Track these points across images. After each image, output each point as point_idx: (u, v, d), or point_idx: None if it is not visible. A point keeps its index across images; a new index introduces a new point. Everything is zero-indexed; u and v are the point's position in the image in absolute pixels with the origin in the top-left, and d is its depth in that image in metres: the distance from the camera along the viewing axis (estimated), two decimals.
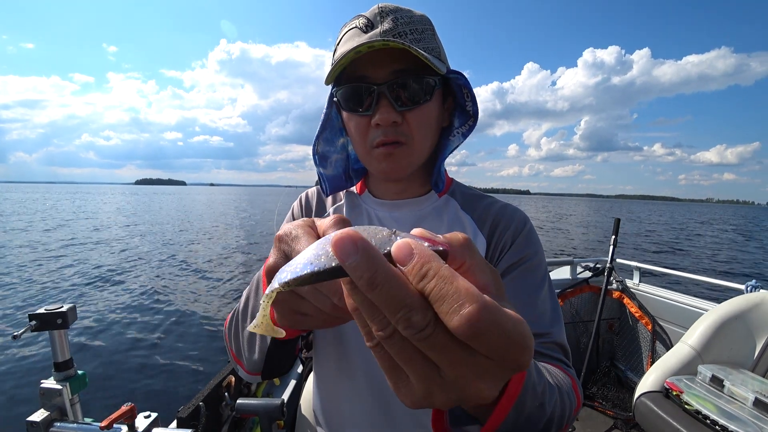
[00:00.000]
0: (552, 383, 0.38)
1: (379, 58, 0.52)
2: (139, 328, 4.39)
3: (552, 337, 0.53)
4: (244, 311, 0.53)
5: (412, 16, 0.54)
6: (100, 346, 3.84)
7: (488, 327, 0.18)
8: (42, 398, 0.65)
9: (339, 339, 0.64)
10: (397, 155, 0.56)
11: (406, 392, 0.22)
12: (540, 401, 0.33)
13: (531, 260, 0.59)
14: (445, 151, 0.64)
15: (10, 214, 20.59)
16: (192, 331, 4.33)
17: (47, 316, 0.66)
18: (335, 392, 0.67)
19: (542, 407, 0.34)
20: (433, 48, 0.55)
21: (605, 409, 2.12)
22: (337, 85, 0.57)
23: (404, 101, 0.54)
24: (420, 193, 0.67)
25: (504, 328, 0.19)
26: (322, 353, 0.68)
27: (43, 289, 5.92)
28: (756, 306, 1.70)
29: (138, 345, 3.92)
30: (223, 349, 3.09)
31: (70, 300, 5.38)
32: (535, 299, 0.56)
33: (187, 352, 3.80)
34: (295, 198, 0.77)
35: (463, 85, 0.58)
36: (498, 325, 0.18)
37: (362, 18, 0.54)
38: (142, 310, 5.03)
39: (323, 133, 0.65)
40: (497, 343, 0.19)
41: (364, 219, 0.67)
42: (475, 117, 0.61)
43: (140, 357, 3.66)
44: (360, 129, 0.57)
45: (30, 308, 4.77)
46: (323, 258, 0.21)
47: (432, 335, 0.19)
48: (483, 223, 0.63)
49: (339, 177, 0.69)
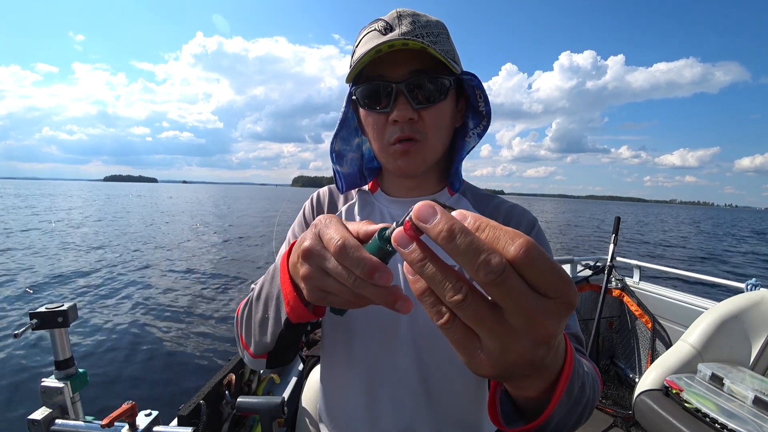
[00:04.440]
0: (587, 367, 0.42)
1: (397, 58, 0.54)
2: (140, 326, 4.39)
3: (569, 329, 0.56)
4: (258, 297, 0.54)
5: (428, 20, 0.57)
6: (100, 345, 3.85)
7: (538, 254, 0.21)
8: (43, 396, 0.65)
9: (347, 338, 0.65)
10: (412, 152, 0.58)
11: (483, 358, 0.24)
12: (582, 381, 0.37)
13: None
14: (462, 151, 0.66)
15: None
16: (193, 330, 4.34)
17: (48, 315, 0.66)
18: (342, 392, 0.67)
19: (583, 389, 0.37)
20: (448, 50, 0.57)
21: (605, 407, 2.12)
22: (356, 84, 0.59)
23: (421, 99, 0.56)
24: (432, 191, 0.69)
25: (549, 259, 0.22)
26: (329, 352, 0.69)
27: (42, 289, 5.92)
28: (756, 304, 1.70)
29: (139, 343, 3.92)
30: (223, 347, 3.08)
31: (71, 298, 5.39)
32: None
33: (187, 351, 3.80)
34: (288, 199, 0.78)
35: (476, 86, 0.60)
36: (544, 256, 0.21)
37: (381, 21, 0.56)
38: (142, 308, 5.03)
39: (341, 132, 0.68)
40: (549, 274, 0.21)
41: (377, 216, 0.69)
42: (488, 117, 0.63)
43: (141, 355, 3.67)
44: (378, 126, 0.59)
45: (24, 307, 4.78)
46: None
47: (508, 278, 0.21)
48: None
49: (354, 175, 0.72)
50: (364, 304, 0.34)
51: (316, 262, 0.34)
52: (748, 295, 1.77)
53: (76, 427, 0.63)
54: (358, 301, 0.33)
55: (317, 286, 0.34)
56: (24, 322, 0.66)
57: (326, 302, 0.35)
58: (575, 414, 0.38)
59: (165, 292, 5.86)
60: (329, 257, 0.32)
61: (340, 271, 0.32)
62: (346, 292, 0.32)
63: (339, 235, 0.31)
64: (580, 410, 0.39)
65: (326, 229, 0.33)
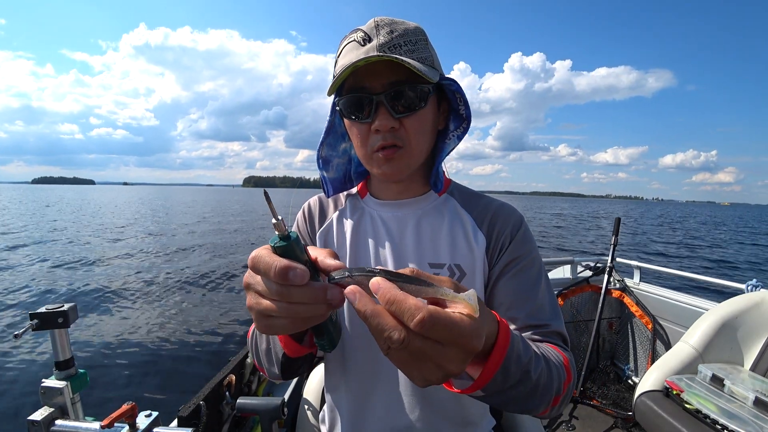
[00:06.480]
0: (539, 354, 0.46)
1: (376, 69, 0.55)
2: (140, 327, 4.39)
3: (551, 327, 0.57)
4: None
5: (406, 28, 0.57)
6: (100, 345, 3.85)
7: (432, 322, 0.27)
8: (43, 397, 0.65)
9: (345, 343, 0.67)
10: (396, 158, 0.59)
11: (415, 379, 0.31)
12: (525, 369, 0.42)
13: (528, 257, 0.63)
14: (442, 153, 0.67)
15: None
16: (193, 330, 4.33)
17: (48, 315, 0.66)
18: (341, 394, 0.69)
19: (528, 374, 0.42)
20: (426, 57, 0.58)
21: (605, 408, 2.12)
22: (339, 95, 0.60)
23: (400, 109, 0.57)
24: (420, 192, 0.70)
25: (445, 321, 0.28)
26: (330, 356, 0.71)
27: (42, 289, 5.92)
28: (756, 305, 1.70)
29: (139, 344, 3.92)
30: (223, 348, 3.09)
31: (70, 299, 5.39)
32: (534, 294, 0.60)
33: (188, 351, 3.80)
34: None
35: (456, 90, 0.61)
36: (439, 321, 0.28)
37: (360, 32, 0.57)
38: (143, 309, 5.03)
39: (327, 139, 0.69)
40: (446, 333, 0.28)
41: (368, 219, 0.70)
42: (468, 120, 0.64)
43: (141, 356, 3.67)
44: (361, 135, 0.60)
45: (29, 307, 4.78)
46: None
47: (410, 343, 0.28)
48: (482, 221, 0.66)
49: (339, 180, 0.74)
50: (305, 324, 0.35)
51: (252, 288, 0.35)
52: (748, 295, 1.77)
53: (76, 428, 0.63)
54: (296, 317, 0.33)
55: (258, 311, 0.34)
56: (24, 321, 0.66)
57: (273, 329, 0.35)
58: (518, 392, 0.43)
59: (165, 292, 5.86)
60: (258, 279, 0.34)
61: (264, 287, 0.33)
62: (280, 309, 0.33)
63: (255, 253, 0.33)
64: (525, 391, 0.43)
65: (254, 256, 0.34)
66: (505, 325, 0.40)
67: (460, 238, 0.65)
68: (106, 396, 2.97)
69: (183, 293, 5.88)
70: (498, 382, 0.39)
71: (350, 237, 0.69)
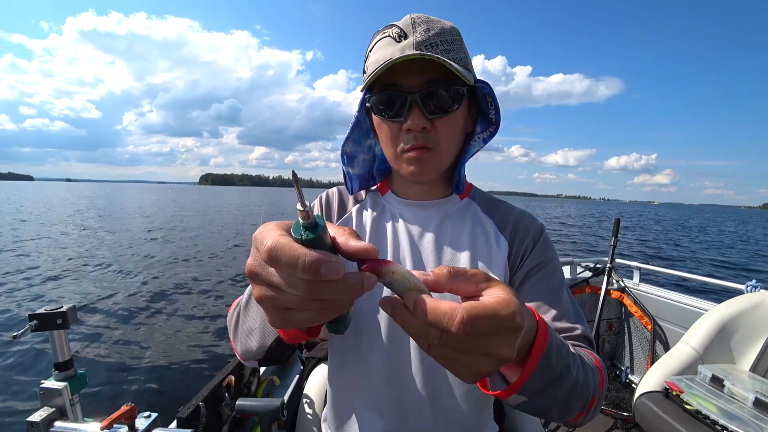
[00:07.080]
0: (574, 352, 0.45)
1: (411, 67, 0.54)
2: (140, 327, 4.38)
3: (578, 331, 0.57)
4: (247, 303, 0.55)
5: (442, 27, 0.56)
6: (100, 346, 3.84)
7: (475, 321, 0.28)
8: (42, 398, 0.65)
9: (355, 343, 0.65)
10: (425, 159, 0.58)
11: (461, 375, 0.32)
12: (566, 362, 0.41)
13: (550, 264, 0.63)
14: (466, 155, 0.66)
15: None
16: (192, 331, 4.33)
17: (47, 316, 0.66)
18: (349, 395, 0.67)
19: (568, 368, 0.41)
20: (461, 58, 0.57)
21: (605, 409, 2.12)
22: (369, 91, 0.59)
23: (434, 109, 0.56)
24: (442, 194, 0.70)
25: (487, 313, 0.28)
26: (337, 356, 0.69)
27: (42, 289, 5.91)
28: (756, 306, 1.70)
29: (138, 345, 3.91)
30: (223, 349, 3.07)
31: (69, 300, 5.38)
32: (558, 298, 0.60)
33: (187, 353, 3.79)
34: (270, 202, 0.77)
35: (488, 93, 0.60)
36: (481, 316, 0.28)
37: (395, 27, 0.55)
38: (142, 310, 5.02)
39: (353, 134, 0.68)
40: (489, 325, 0.28)
41: (388, 216, 0.70)
42: (497, 124, 0.64)
43: (140, 357, 3.66)
44: (391, 134, 0.59)
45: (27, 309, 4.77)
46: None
47: (449, 339, 0.28)
48: (504, 227, 0.66)
49: (364, 176, 0.73)
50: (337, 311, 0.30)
51: (263, 279, 0.29)
52: (748, 296, 1.77)
53: (76, 429, 0.63)
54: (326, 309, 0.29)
55: (274, 305, 0.30)
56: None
57: (292, 323, 0.30)
58: (560, 390, 0.41)
59: (165, 292, 5.85)
60: (271, 270, 0.28)
61: (283, 280, 0.28)
62: (306, 303, 0.28)
63: (269, 239, 0.27)
64: (566, 388, 0.41)
65: (261, 238, 0.28)
66: (540, 317, 0.39)
67: (482, 243, 0.64)
68: (105, 397, 2.97)
69: (183, 294, 5.87)
70: (540, 376, 0.38)
71: (370, 231, 0.68)
